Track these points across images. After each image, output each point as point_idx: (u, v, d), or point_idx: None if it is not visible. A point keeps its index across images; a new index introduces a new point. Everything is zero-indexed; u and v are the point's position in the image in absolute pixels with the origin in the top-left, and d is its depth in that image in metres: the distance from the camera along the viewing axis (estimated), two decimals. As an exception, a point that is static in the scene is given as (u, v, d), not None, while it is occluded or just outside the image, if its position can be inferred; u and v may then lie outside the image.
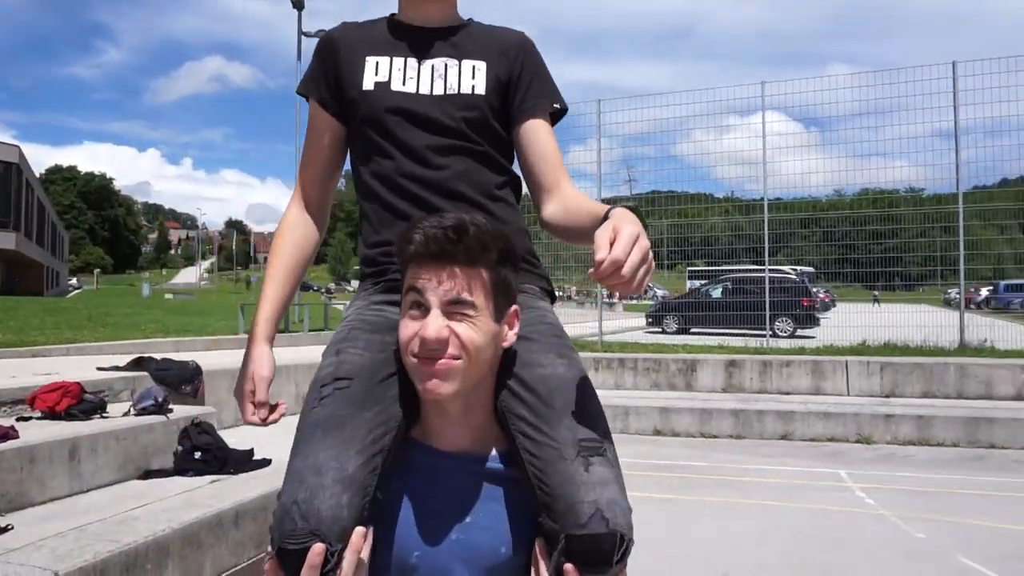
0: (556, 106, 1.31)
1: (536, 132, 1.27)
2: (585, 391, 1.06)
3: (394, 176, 1.22)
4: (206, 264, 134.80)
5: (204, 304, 28.16)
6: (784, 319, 12.57)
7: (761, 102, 10.44)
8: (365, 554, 0.95)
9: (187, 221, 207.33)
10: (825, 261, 15.95)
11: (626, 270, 0.85)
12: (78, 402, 4.26)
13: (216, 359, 6.57)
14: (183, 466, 4.20)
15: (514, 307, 1.04)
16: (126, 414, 4.35)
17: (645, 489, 5.09)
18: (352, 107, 1.28)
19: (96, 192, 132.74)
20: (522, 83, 1.28)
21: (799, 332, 12.62)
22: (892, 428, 6.66)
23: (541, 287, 1.30)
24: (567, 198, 1.24)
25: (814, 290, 15.95)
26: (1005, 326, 11.50)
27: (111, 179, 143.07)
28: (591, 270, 0.86)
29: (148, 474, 4.13)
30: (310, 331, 11.49)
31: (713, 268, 19.52)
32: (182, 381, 5.20)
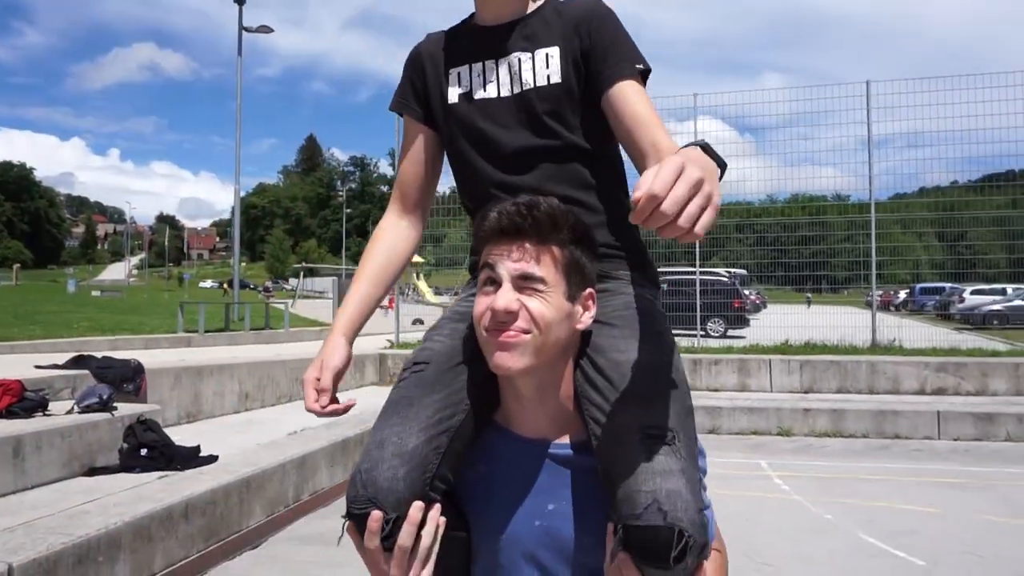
0: (639, 67, 1.20)
1: (623, 97, 1.17)
2: (663, 378, 1.03)
3: (485, 186, 1.22)
4: (135, 260, 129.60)
5: (136, 302, 27.26)
6: (716, 320, 13.10)
7: (693, 111, 10.91)
8: (430, 528, 0.96)
9: (114, 215, 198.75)
10: (758, 264, 16.76)
11: (667, 206, 0.69)
12: (19, 400, 4.25)
13: (157, 357, 6.53)
14: (129, 463, 4.24)
15: (589, 290, 1.04)
16: (70, 412, 4.36)
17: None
18: (442, 121, 1.28)
19: (14, 182, 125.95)
20: (598, 53, 1.20)
21: (730, 332, 13.16)
22: (809, 421, 7.16)
23: (642, 274, 1.25)
24: (663, 155, 1.04)
25: (746, 292, 16.59)
26: (914, 326, 12.35)
27: (31, 169, 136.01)
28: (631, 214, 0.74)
29: (94, 471, 4.17)
30: (251, 330, 11.39)
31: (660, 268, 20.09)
32: (124, 379, 5.19)
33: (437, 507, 0.98)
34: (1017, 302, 19.07)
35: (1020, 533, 4.11)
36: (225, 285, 45.58)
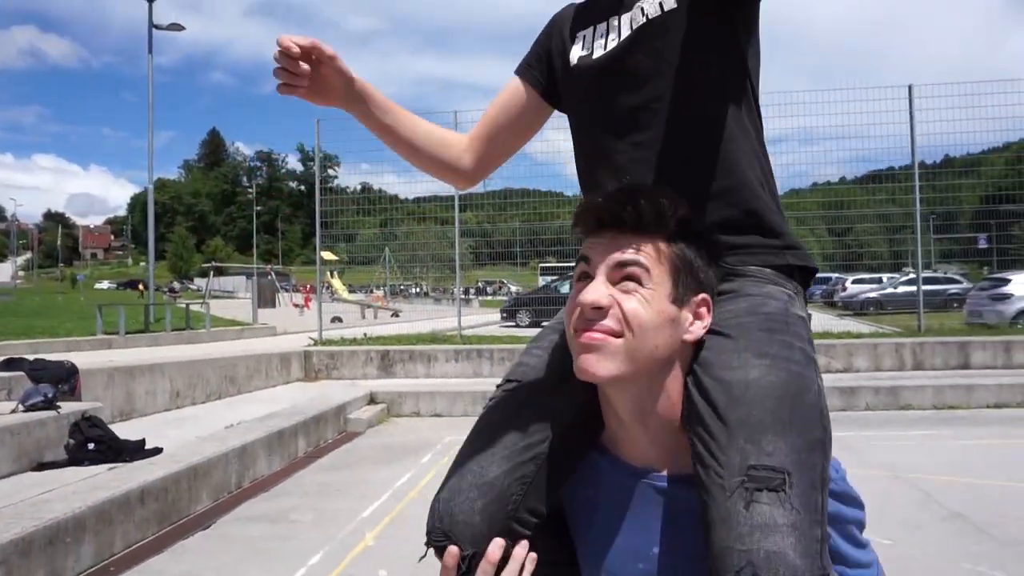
0: None
1: None
2: (786, 402, 0.80)
3: (593, 159, 1.09)
4: (20, 261, 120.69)
5: (31, 305, 25.80)
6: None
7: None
8: (513, 568, 0.87)
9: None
10: None
11: None
12: (-39, 402, 4.39)
13: (84, 359, 6.62)
14: (78, 456, 4.47)
15: (703, 296, 0.88)
16: (15, 411, 4.53)
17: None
18: (563, 88, 1.17)
19: None
20: None
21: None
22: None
23: (781, 266, 1.00)
24: None
25: None
26: None
27: None
28: None
29: (42, 466, 4.37)
30: (173, 331, 11.30)
31: (564, 264, 20.73)
32: (59, 380, 5.33)
33: (524, 544, 0.89)
34: (890, 290, 21.06)
35: (862, 480, 4.98)
36: (141, 287, 43.75)
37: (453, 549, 0.87)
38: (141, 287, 43.74)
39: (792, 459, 0.75)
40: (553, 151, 14.13)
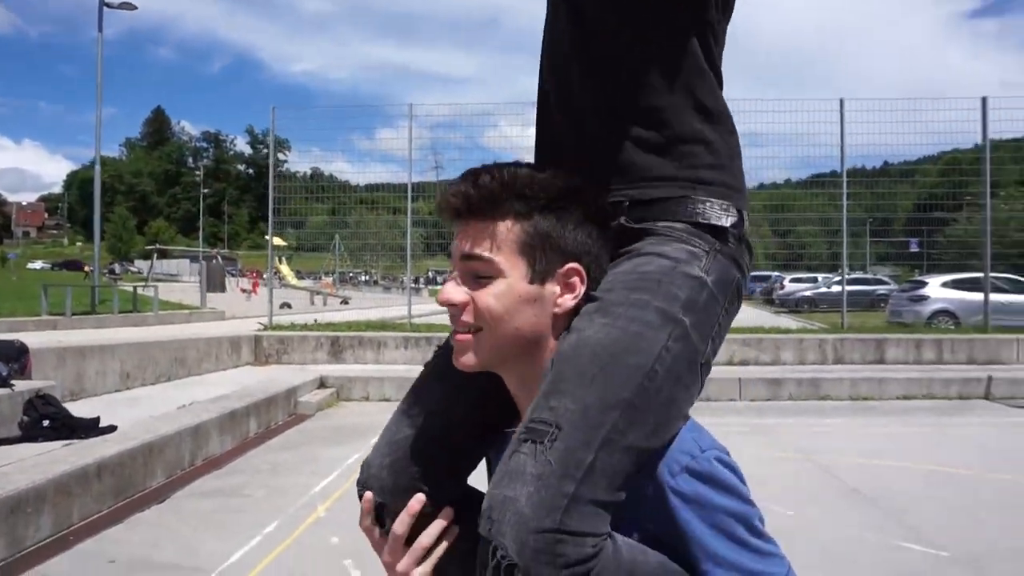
0: None
1: None
2: (599, 360, 0.76)
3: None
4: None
5: (-40, 284, 24.79)
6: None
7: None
8: (432, 530, 0.88)
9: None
10: None
11: None
12: (-87, 378, 4.46)
13: (31, 340, 6.62)
14: (32, 434, 4.60)
15: (570, 265, 0.83)
16: (-32, 388, 4.61)
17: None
18: None
19: None
20: None
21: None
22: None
23: (696, 222, 0.86)
24: None
25: None
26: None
27: None
28: None
29: (-3, 441, 4.47)
30: (120, 313, 11.18)
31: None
32: (8, 359, 5.39)
33: (448, 510, 0.89)
34: (823, 289, 22.08)
35: (777, 461, 5.47)
36: (87, 268, 42.37)
37: (368, 494, 0.91)
38: (87, 268, 42.48)
39: (572, 415, 0.73)
40: (508, 143, 14.30)
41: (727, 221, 0.87)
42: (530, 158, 0.98)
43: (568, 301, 0.83)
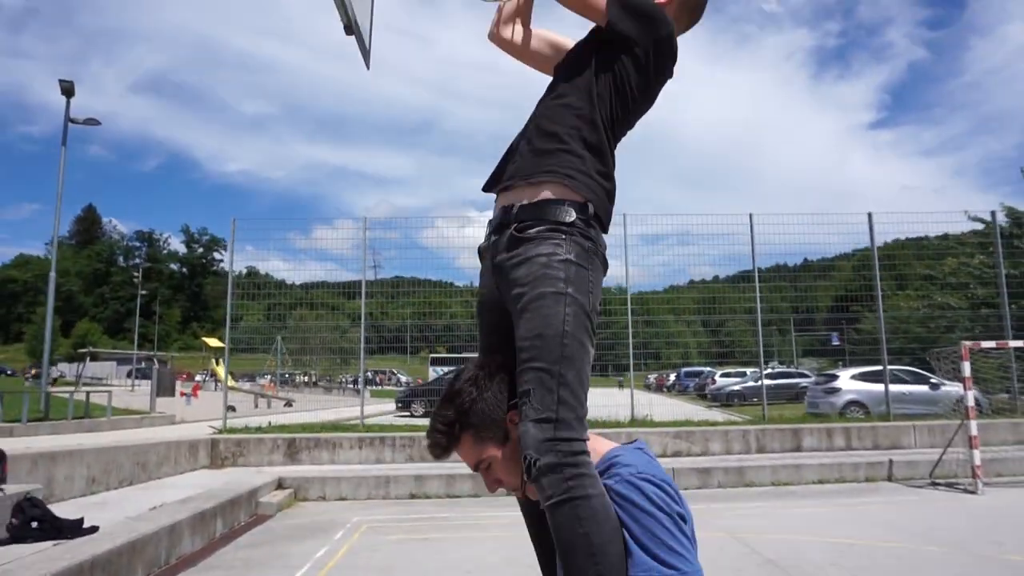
0: None
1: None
2: (536, 340, 1.40)
3: None
4: None
5: None
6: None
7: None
8: None
9: None
10: None
11: None
12: (-92, 484, 4.72)
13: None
14: (21, 535, 4.89)
15: (509, 415, 1.41)
16: (-38, 493, 4.88)
17: (407, 533, 6.65)
18: None
19: None
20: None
21: (526, 412, 14.88)
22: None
23: (551, 220, 1.49)
24: None
25: None
26: (673, 404, 15.07)
27: None
28: None
29: (-12, 543, 4.73)
30: (74, 419, 11.10)
31: (454, 356, 21.29)
32: (-11, 466, 5.65)
33: None
34: (751, 383, 23.30)
35: (706, 540, 6.11)
36: (34, 371, 40.42)
37: None
38: (34, 372, 40.61)
39: (534, 379, 1.35)
40: (445, 243, 14.78)
41: (571, 217, 1.48)
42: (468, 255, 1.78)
43: (517, 428, 1.38)
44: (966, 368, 8.31)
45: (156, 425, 12.11)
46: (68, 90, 13.64)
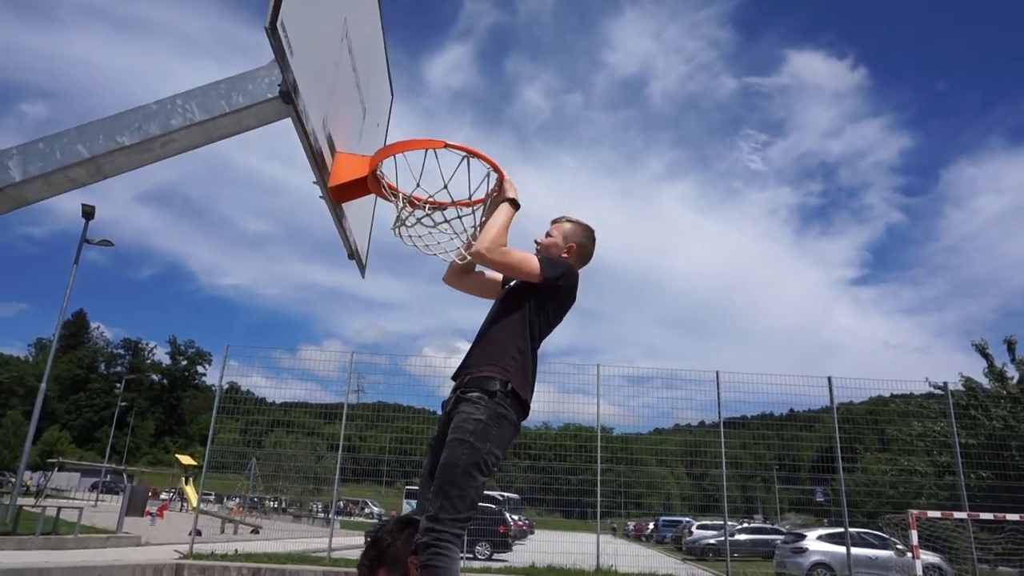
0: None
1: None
2: (443, 469, 2.23)
3: None
4: None
5: None
6: (482, 543, 14.76)
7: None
8: None
9: None
10: (532, 488, 17.51)
11: None
12: None
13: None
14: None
15: (410, 559, 2.09)
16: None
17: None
18: None
19: None
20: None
21: (496, 556, 14.77)
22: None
23: (483, 391, 2.37)
24: None
25: (513, 518, 18.29)
26: (648, 556, 14.81)
27: None
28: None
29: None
30: (42, 535, 11.00)
31: (419, 487, 20.71)
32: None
33: None
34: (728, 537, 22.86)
35: None
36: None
37: None
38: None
39: (437, 488, 2.24)
40: (431, 371, 14.90)
41: (495, 388, 2.36)
42: (448, 388, 2.59)
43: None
44: (914, 536, 8.67)
45: (122, 546, 11.98)
46: (89, 213, 14.65)
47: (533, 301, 2.51)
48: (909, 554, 11.64)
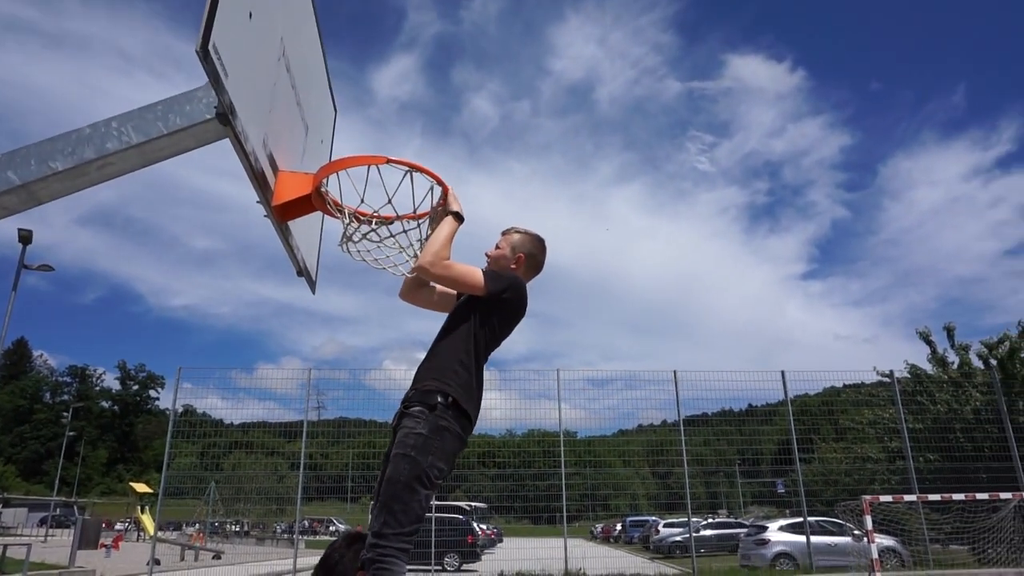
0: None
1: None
2: (387, 483, 2.29)
3: None
4: None
5: None
6: (451, 555, 14.72)
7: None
8: None
9: None
10: (499, 496, 17.46)
11: None
12: None
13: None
14: None
15: (359, 573, 2.23)
16: None
17: None
18: None
19: None
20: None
21: (464, 566, 14.74)
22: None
23: (424, 405, 2.41)
24: None
25: (481, 527, 18.25)
26: (615, 556, 14.92)
27: None
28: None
29: None
30: None
31: (372, 501, 20.25)
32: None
33: None
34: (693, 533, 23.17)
35: None
36: None
37: None
38: None
39: (381, 504, 2.29)
40: (393, 384, 14.78)
41: (435, 401, 2.40)
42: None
43: None
44: (868, 521, 8.95)
45: (75, 581, 11.58)
46: (26, 238, 14.18)
47: (478, 314, 2.53)
48: (865, 539, 12.03)
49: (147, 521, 28.67)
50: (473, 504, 21.63)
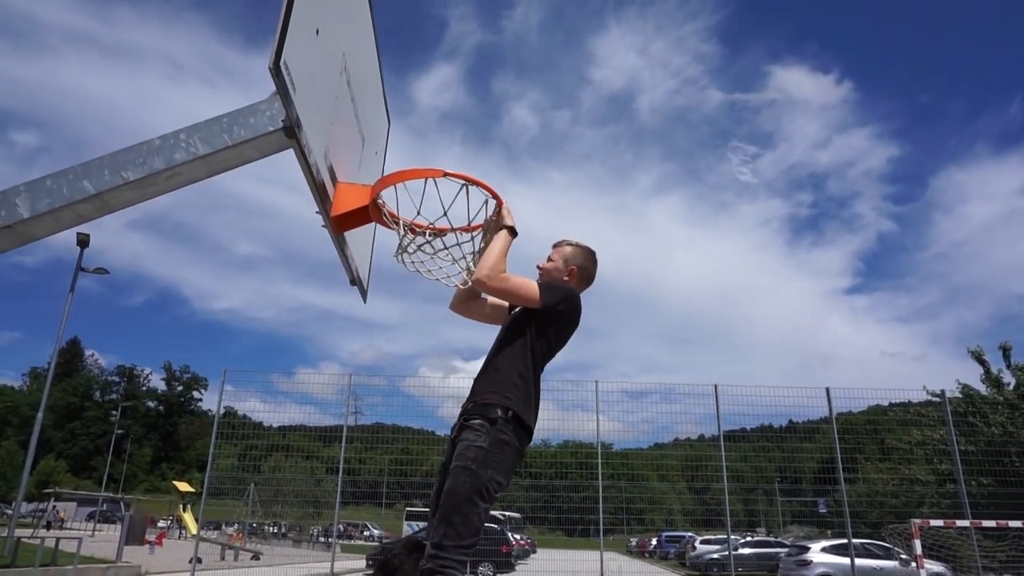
0: None
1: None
2: (447, 495, 2.31)
3: None
4: None
5: None
6: (485, 564, 14.68)
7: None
8: None
9: None
10: (533, 507, 17.88)
11: None
12: None
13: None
14: None
15: None
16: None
17: None
18: None
19: None
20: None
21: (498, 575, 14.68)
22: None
23: (484, 418, 2.42)
24: None
25: (516, 537, 18.22)
26: (641, 570, 14.70)
27: None
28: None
29: None
30: (41, 566, 10.88)
31: (429, 510, 20.49)
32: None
33: None
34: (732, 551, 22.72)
35: None
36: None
37: None
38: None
39: (441, 515, 2.31)
40: (429, 392, 14.74)
41: (496, 415, 2.42)
42: (451, 404, 2.97)
43: None
44: (917, 546, 8.66)
45: (122, 576, 11.91)
46: (84, 242, 14.69)
47: (534, 327, 2.55)
48: (913, 564, 11.63)
49: (188, 519, 29.28)
50: (507, 514, 21.59)
